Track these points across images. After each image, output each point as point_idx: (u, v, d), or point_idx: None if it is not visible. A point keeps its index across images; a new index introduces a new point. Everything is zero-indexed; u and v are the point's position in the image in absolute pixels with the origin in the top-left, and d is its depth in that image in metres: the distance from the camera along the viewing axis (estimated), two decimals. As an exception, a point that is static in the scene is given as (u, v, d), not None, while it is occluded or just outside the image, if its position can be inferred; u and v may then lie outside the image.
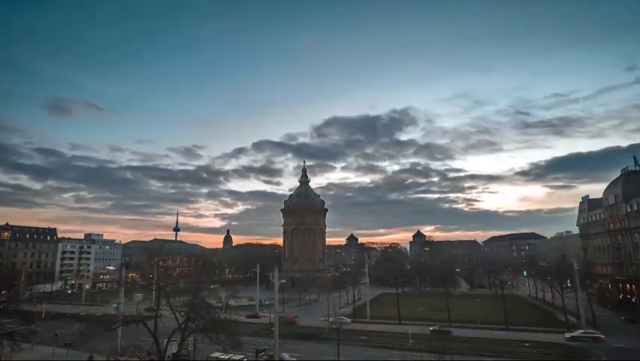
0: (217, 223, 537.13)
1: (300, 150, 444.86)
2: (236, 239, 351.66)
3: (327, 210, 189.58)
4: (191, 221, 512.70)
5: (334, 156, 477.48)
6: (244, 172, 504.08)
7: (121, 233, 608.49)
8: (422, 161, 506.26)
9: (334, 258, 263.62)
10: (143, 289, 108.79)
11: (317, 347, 64.64)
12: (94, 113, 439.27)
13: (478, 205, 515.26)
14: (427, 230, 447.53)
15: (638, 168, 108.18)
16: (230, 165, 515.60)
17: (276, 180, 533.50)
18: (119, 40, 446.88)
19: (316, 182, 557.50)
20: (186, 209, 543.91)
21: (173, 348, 45.46)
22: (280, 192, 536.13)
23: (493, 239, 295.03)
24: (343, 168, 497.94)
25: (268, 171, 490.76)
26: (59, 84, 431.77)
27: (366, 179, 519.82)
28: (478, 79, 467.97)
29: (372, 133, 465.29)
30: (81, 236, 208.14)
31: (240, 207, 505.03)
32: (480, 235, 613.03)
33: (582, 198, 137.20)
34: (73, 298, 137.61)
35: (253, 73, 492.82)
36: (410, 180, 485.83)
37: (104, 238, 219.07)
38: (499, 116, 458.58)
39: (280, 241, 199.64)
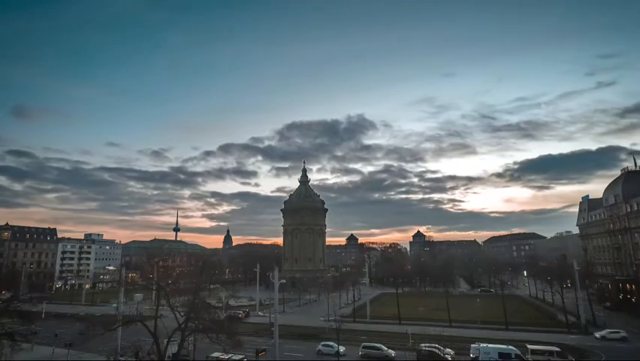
0: (206, 224, 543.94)
1: (269, 153, 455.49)
2: (233, 239, 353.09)
3: (327, 210, 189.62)
4: (180, 221, 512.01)
5: (306, 159, 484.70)
6: (220, 174, 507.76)
7: (111, 233, 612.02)
8: (395, 163, 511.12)
9: (334, 258, 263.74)
10: (143, 289, 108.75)
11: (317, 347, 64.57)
12: (60, 116, 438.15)
13: (463, 206, 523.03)
14: (421, 230, 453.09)
15: (637, 168, 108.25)
16: (201, 167, 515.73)
17: (253, 181, 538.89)
18: (82, 45, 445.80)
19: (293, 183, 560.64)
20: (172, 209, 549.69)
21: (173, 348, 45.44)
22: (263, 192, 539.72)
23: (492, 239, 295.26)
24: (319, 170, 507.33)
25: (243, 173, 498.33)
26: (25, 89, 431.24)
27: (344, 179, 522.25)
28: (441, 84, 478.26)
29: (337, 137, 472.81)
30: (76, 236, 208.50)
31: (226, 208, 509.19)
32: (472, 235, 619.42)
33: (582, 198, 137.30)
34: (74, 299, 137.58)
35: (213, 80, 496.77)
36: (389, 181, 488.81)
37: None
38: (466, 121, 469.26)
39: (280, 241, 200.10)
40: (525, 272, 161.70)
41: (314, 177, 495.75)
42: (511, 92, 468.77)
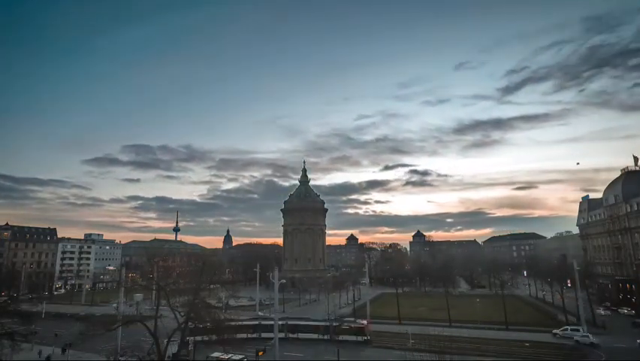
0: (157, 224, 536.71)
1: (149, 164, 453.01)
2: (233, 240, 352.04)
3: (327, 210, 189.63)
4: (126, 222, 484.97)
5: (177, 169, 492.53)
6: (113, 182, 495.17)
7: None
8: (277, 173, 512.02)
9: (334, 258, 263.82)
10: (143, 289, 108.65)
11: (317, 347, 64.65)
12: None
13: (398, 208, 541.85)
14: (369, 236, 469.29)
15: (637, 168, 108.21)
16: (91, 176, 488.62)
17: (147, 186, 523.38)
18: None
19: (197, 189, 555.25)
20: (107, 211, 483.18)
21: (173, 348, 45.47)
22: (176, 197, 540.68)
23: (492, 239, 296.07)
24: (200, 176, 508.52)
25: (130, 180, 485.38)
26: None
27: (235, 184, 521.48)
28: (281, 107, 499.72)
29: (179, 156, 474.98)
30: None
31: (160, 211, 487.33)
32: (438, 236, 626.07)
33: (582, 198, 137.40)
34: (74, 298, 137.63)
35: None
36: (288, 183, 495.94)
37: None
38: (329, 139, 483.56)
39: (280, 241, 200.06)
40: (525, 272, 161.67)
41: (200, 179, 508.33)
42: (344, 114, 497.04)
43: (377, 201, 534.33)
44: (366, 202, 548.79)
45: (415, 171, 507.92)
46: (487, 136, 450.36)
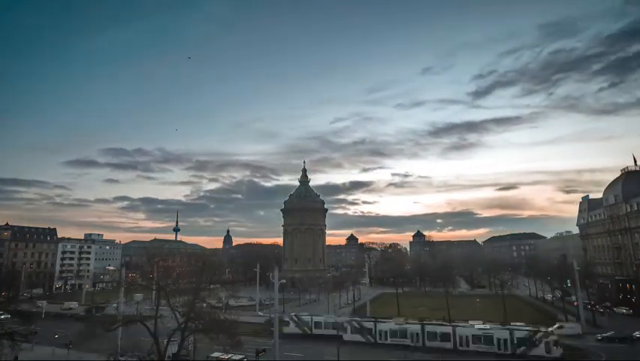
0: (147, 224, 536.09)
1: (127, 166, 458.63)
2: (233, 240, 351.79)
3: (327, 210, 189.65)
4: (116, 222, 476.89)
5: (155, 170, 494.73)
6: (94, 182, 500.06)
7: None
8: (259, 175, 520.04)
9: (334, 258, 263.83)
10: (143, 289, 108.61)
11: (317, 347, 64.61)
12: None
13: (378, 210, 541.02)
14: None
15: (637, 168, 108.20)
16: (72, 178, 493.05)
17: (133, 187, 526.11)
18: None
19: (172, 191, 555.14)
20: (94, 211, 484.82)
21: (173, 348, 45.43)
22: (161, 197, 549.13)
23: (492, 239, 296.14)
24: (182, 177, 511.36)
25: (115, 182, 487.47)
26: None
27: (216, 185, 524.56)
28: (263, 109, 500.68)
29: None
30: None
31: (149, 210, 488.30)
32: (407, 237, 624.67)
33: (582, 198, 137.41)
34: (73, 298, 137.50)
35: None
36: (273, 184, 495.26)
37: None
38: (308, 142, 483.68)
39: (280, 241, 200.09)
40: (525, 272, 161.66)
41: (178, 179, 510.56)
42: (320, 117, 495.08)
43: (365, 202, 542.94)
44: (353, 203, 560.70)
45: (395, 174, 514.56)
46: (463, 139, 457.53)
